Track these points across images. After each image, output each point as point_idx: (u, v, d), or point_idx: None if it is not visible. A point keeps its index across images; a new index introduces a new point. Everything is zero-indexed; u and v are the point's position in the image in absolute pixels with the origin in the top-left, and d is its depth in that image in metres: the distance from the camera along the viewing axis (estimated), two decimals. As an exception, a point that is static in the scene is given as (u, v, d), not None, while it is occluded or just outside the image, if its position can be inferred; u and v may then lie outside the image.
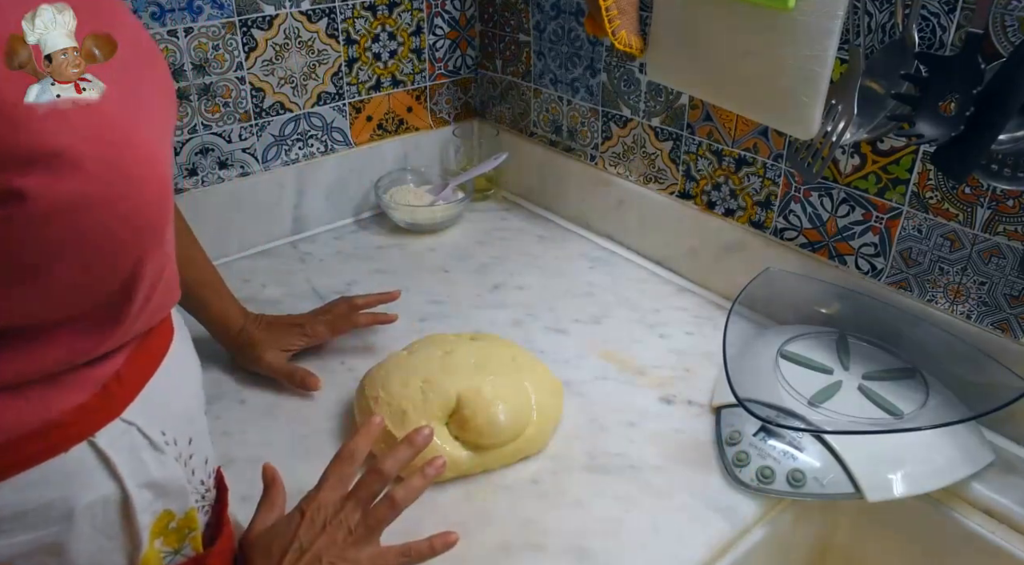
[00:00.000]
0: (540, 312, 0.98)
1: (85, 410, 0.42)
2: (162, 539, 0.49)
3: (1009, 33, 0.67)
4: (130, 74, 0.41)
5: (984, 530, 0.69)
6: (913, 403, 0.73)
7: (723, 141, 0.95)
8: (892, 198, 0.80)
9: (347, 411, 0.80)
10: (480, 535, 0.67)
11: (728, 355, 0.77)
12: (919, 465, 0.70)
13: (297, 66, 1.08)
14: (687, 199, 1.03)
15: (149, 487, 0.46)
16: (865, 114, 0.73)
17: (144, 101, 0.42)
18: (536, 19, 1.14)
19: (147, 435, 0.46)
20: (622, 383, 0.85)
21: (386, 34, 1.15)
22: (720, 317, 0.94)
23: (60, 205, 0.36)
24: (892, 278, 0.83)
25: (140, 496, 0.46)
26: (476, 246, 1.14)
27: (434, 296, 1.01)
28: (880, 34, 0.75)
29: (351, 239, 1.16)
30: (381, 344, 0.91)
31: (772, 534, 0.70)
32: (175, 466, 0.48)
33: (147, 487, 0.46)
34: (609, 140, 1.10)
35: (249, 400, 0.82)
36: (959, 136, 0.65)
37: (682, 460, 0.74)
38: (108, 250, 0.40)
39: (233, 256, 1.10)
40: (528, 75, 1.19)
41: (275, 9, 1.03)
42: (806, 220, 0.89)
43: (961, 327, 0.77)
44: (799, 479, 0.69)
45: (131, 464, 0.45)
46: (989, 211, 0.73)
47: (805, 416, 0.72)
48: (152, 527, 0.47)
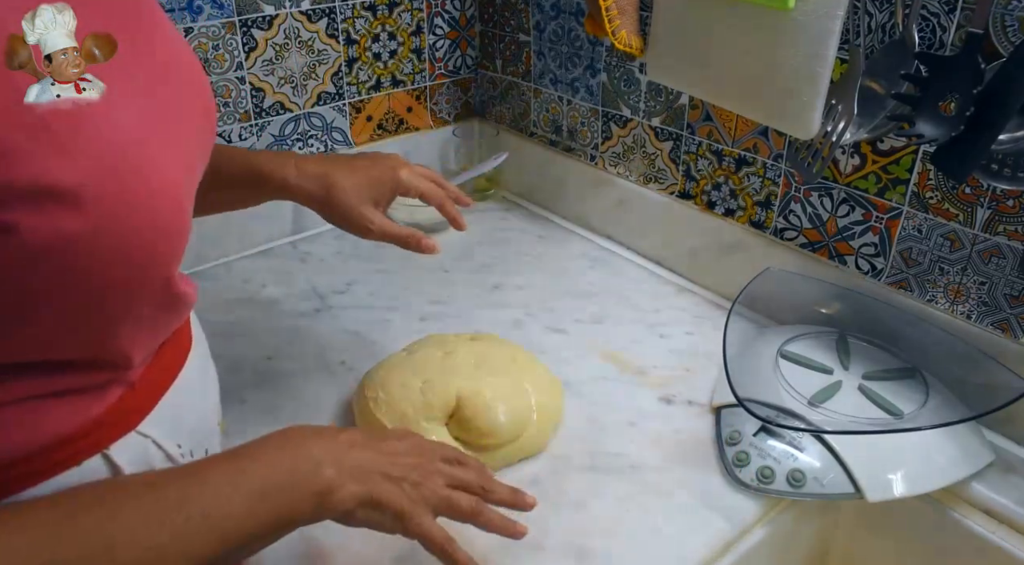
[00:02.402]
0: (540, 312, 0.98)
1: (100, 423, 0.42)
2: None
3: (1009, 33, 0.67)
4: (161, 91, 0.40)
5: (984, 530, 0.69)
6: (913, 403, 0.73)
7: (723, 141, 0.95)
8: (892, 198, 0.80)
9: (347, 411, 0.80)
10: (480, 535, 0.67)
11: (728, 355, 0.77)
12: (919, 465, 0.69)
13: (297, 66, 1.08)
14: (687, 199, 1.03)
15: None
16: (865, 114, 0.73)
17: (171, 122, 0.40)
18: (536, 19, 1.14)
19: (163, 448, 0.45)
20: (622, 383, 0.85)
21: (386, 34, 1.15)
22: (720, 317, 0.94)
23: (55, 242, 0.34)
24: (892, 278, 0.83)
25: None
26: (476, 246, 1.14)
27: (434, 296, 1.01)
28: (880, 34, 0.75)
29: (351, 239, 1.14)
30: (381, 344, 0.91)
31: (772, 534, 0.70)
32: None
33: None
34: (609, 140, 1.10)
35: (249, 400, 0.82)
36: (959, 136, 0.65)
37: (682, 460, 0.74)
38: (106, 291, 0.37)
39: (233, 256, 1.10)
40: (528, 75, 1.19)
41: (275, 9, 1.03)
42: (806, 220, 0.89)
43: (961, 327, 0.77)
44: (799, 479, 0.69)
45: None
46: (989, 211, 0.73)
47: (805, 416, 0.72)
48: None
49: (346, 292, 1.02)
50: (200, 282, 1.04)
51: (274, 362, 0.88)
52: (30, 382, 0.39)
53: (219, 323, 0.95)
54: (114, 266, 0.37)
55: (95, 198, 0.35)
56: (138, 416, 0.44)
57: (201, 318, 0.97)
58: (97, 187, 0.35)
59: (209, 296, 1.01)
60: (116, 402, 0.42)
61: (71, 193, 0.34)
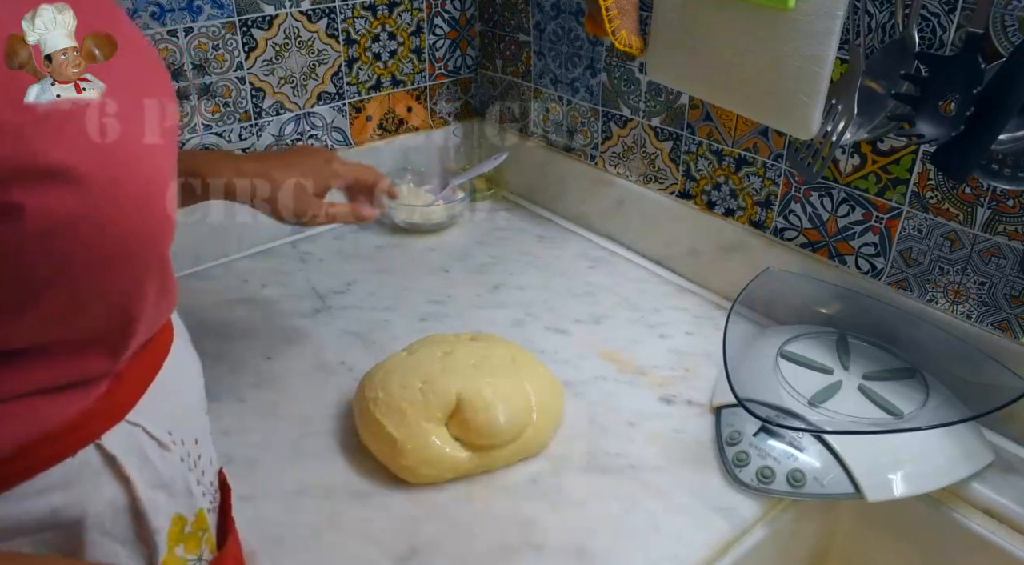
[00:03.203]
0: (540, 312, 0.98)
1: (89, 414, 0.42)
2: (183, 546, 0.48)
3: (1009, 33, 0.67)
4: (134, 84, 0.40)
5: (984, 530, 0.69)
6: (913, 403, 0.73)
7: (723, 141, 0.95)
8: (892, 198, 0.80)
9: (347, 411, 0.80)
10: (480, 535, 0.67)
11: (728, 355, 0.77)
12: (919, 465, 0.70)
13: (297, 66, 1.08)
14: (687, 199, 1.03)
15: (159, 488, 0.46)
16: (865, 114, 0.73)
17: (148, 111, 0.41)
18: (536, 19, 1.14)
19: (153, 435, 0.45)
20: (622, 383, 0.85)
21: (386, 34, 1.15)
22: (720, 317, 0.94)
23: (59, 223, 0.35)
24: (892, 278, 0.83)
25: (150, 498, 0.45)
26: (476, 246, 1.14)
27: (434, 296, 1.01)
28: (880, 34, 0.75)
29: (351, 239, 1.16)
30: (381, 344, 0.91)
31: (772, 534, 0.70)
32: (182, 466, 0.48)
33: (158, 488, 0.45)
34: (609, 140, 1.10)
35: (249, 400, 0.82)
36: (959, 136, 0.65)
37: (682, 460, 0.74)
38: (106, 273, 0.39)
39: (233, 256, 1.10)
40: (528, 75, 1.19)
41: (275, 9, 1.03)
42: (806, 220, 0.89)
43: (961, 327, 0.77)
44: (799, 479, 0.69)
45: (139, 465, 0.44)
46: (989, 211, 0.73)
47: (805, 416, 0.72)
48: (169, 532, 0.47)
49: (346, 292, 1.02)
50: (200, 282, 1.04)
51: (274, 362, 0.88)
52: (22, 377, 0.39)
53: (219, 323, 0.95)
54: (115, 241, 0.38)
55: (90, 175, 0.35)
56: (126, 406, 0.44)
57: (201, 318, 0.97)
58: (91, 164, 0.36)
59: (209, 296, 1.01)
60: (104, 394, 0.43)
61: (71, 172, 0.35)
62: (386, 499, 0.70)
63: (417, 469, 0.70)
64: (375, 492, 0.71)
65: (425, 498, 0.70)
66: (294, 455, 0.75)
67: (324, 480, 0.72)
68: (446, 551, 0.65)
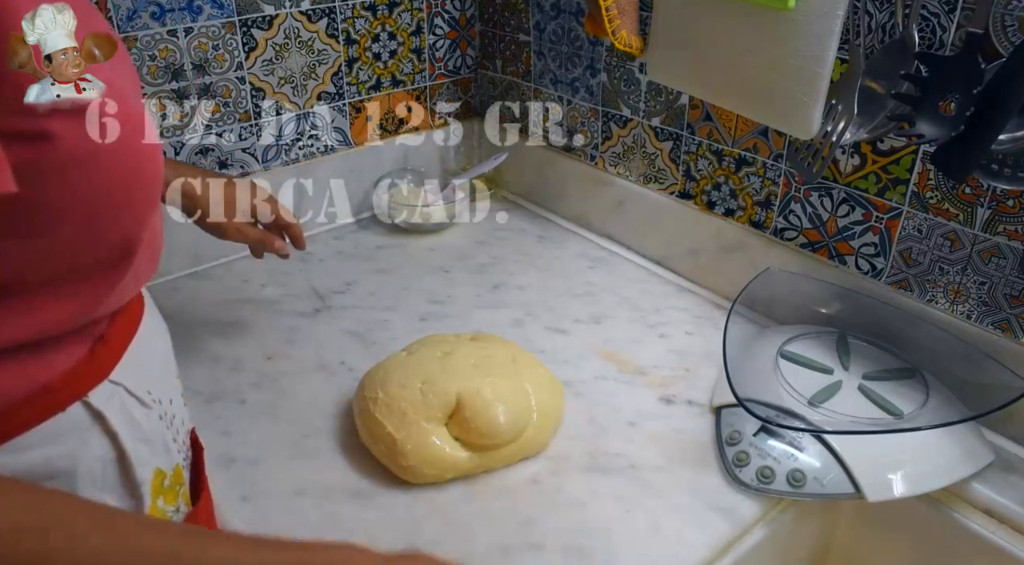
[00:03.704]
0: (540, 312, 0.98)
1: (76, 373, 0.45)
2: (163, 498, 0.51)
3: (1009, 33, 0.67)
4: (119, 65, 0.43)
5: (984, 530, 0.69)
6: (913, 403, 0.73)
7: (723, 141, 0.95)
8: (892, 198, 0.80)
9: (347, 411, 0.80)
10: (480, 535, 0.67)
11: (728, 355, 0.77)
12: (919, 465, 0.70)
13: (297, 66, 1.08)
14: (687, 199, 1.03)
15: (142, 442, 0.48)
16: (865, 114, 0.73)
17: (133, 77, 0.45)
18: (536, 19, 1.14)
19: (134, 394, 0.48)
20: (622, 383, 0.85)
21: (386, 34, 1.15)
22: (720, 317, 0.94)
23: (82, 153, 0.38)
24: (892, 278, 0.83)
25: (135, 451, 0.48)
26: (476, 246, 1.14)
27: (434, 296, 1.01)
28: (880, 34, 0.75)
29: (351, 239, 1.16)
30: (381, 344, 0.91)
31: (772, 534, 0.70)
32: (160, 424, 0.51)
33: (141, 442, 0.48)
34: (609, 140, 1.10)
35: (249, 400, 0.82)
36: (959, 136, 0.65)
37: (682, 460, 0.75)
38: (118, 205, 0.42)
39: (233, 256, 1.10)
40: (528, 75, 1.19)
41: (275, 9, 1.03)
42: (806, 220, 0.89)
43: (961, 327, 0.77)
44: (799, 479, 0.69)
45: (123, 421, 0.47)
46: (989, 211, 0.73)
47: (805, 416, 0.72)
48: (152, 483, 0.50)
49: (346, 292, 1.02)
50: (200, 282, 1.04)
51: (274, 362, 0.88)
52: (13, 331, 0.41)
53: (219, 323, 0.95)
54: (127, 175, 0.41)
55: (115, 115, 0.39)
56: (108, 366, 0.47)
57: (201, 318, 0.97)
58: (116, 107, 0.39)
59: (209, 296, 1.01)
60: (88, 354, 0.46)
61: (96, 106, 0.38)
62: (386, 499, 0.70)
63: (417, 469, 0.70)
64: (375, 492, 0.71)
65: (425, 498, 0.70)
66: (294, 455, 0.75)
67: (324, 480, 0.72)
68: (446, 551, 0.64)
